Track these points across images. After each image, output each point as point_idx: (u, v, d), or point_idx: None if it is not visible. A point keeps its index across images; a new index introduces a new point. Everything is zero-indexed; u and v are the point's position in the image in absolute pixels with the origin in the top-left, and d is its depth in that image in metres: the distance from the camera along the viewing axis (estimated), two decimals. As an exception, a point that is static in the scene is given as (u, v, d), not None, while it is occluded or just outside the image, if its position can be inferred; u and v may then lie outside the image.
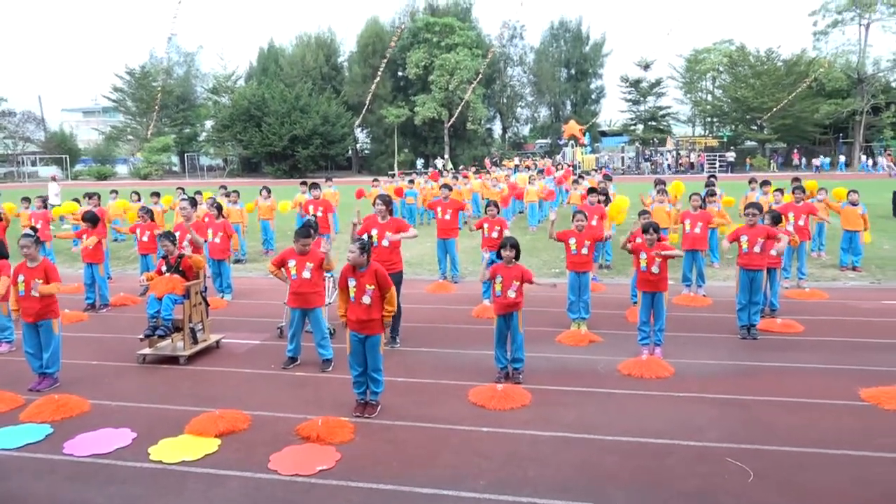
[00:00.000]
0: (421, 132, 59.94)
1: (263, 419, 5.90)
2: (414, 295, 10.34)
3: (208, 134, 65.38)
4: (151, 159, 58.55)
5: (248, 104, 56.02)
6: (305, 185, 15.63)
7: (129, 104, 66.09)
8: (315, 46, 63.25)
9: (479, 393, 6.31)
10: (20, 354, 7.15)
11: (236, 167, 64.35)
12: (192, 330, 7.80)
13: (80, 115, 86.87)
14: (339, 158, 62.97)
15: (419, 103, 56.65)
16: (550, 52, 64.99)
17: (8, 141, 67.26)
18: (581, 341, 8.04)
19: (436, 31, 56.41)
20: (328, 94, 58.89)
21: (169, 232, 8.32)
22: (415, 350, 7.90)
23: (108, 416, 6.03)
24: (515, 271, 6.64)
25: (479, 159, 54.74)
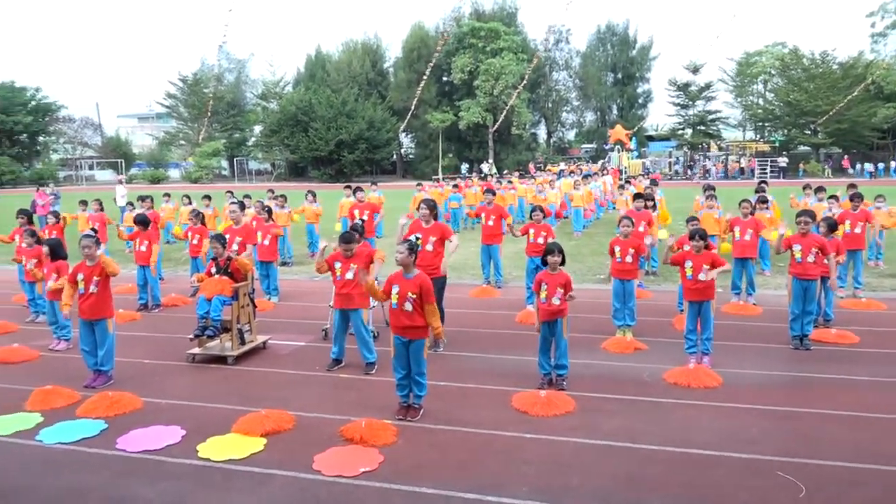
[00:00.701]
0: (465, 137, 60.02)
1: (308, 420, 5.98)
2: (457, 299, 10.35)
3: (257, 139, 66.71)
4: (202, 163, 59.95)
5: (295, 110, 56.94)
6: (350, 189, 15.81)
7: (181, 110, 67.90)
8: (361, 52, 63.96)
9: (522, 399, 6.28)
10: (77, 352, 7.39)
11: (283, 171, 65.45)
12: (239, 331, 7.95)
13: (134, 120, 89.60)
14: (384, 163, 63.48)
15: (464, 108, 56.74)
16: (597, 56, 64.43)
17: (67, 146, 69.92)
18: (626, 349, 7.93)
19: (481, 36, 56.46)
20: (374, 100, 59.46)
21: (219, 234, 8.51)
22: (458, 355, 7.90)
23: (159, 414, 6.19)
24: (560, 278, 6.59)
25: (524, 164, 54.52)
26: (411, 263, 5.95)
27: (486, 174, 36.66)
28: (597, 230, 19.77)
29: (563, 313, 6.58)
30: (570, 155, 59.73)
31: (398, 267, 6.02)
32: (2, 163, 55.76)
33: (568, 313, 6.63)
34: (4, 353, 8.03)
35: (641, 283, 11.54)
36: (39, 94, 64.98)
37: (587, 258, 14.40)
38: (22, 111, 61.56)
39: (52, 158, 68.08)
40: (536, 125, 66.44)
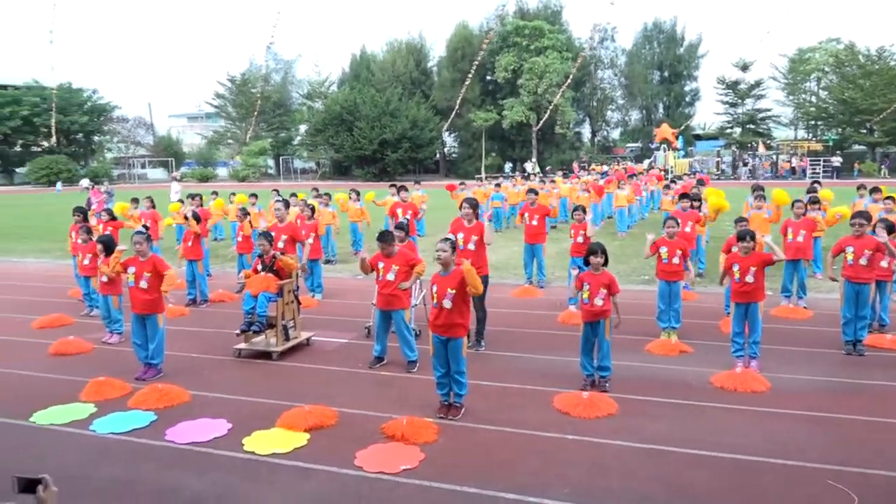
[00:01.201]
0: (509, 136, 59.80)
1: (350, 416, 6.05)
2: (500, 299, 10.33)
3: (302, 138, 67.62)
4: (249, 162, 61.03)
5: (340, 109, 57.53)
6: (395, 187, 15.90)
7: (229, 110, 69.26)
8: (405, 52, 64.26)
9: (564, 400, 6.24)
10: (129, 345, 7.61)
11: (328, 170, 66.21)
12: (284, 327, 8.08)
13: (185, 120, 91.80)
14: (427, 162, 63.66)
15: (507, 107, 56.53)
16: (643, 54, 63.44)
17: (121, 145, 72.06)
18: (671, 351, 7.80)
19: (525, 35, 56.17)
20: (417, 99, 59.69)
21: (266, 232, 8.66)
22: (500, 354, 7.89)
23: (207, 407, 6.34)
24: (603, 278, 6.52)
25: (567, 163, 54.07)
26: (452, 262, 5.97)
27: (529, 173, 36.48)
28: (641, 230, 19.49)
29: (605, 314, 6.51)
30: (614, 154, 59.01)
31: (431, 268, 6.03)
32: (59, 161, 57.66)
33: (611, 314, 6.56)
34: (61, 345, 8.32)
35: (687, 285, 11.34)
36: (95, 95, 67.17)
37: (631, 259, 14.21)
38: (78, 111, 63.65)
39: (106, 157, 70.15)
40: (581, 124, 65.78)
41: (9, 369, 7.62)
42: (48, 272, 14.44)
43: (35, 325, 9.57)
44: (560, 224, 19.57)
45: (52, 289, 12.32)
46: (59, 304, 10.99)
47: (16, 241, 19.71)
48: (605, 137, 67.35)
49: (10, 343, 8.79)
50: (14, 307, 10.92)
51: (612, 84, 65.45)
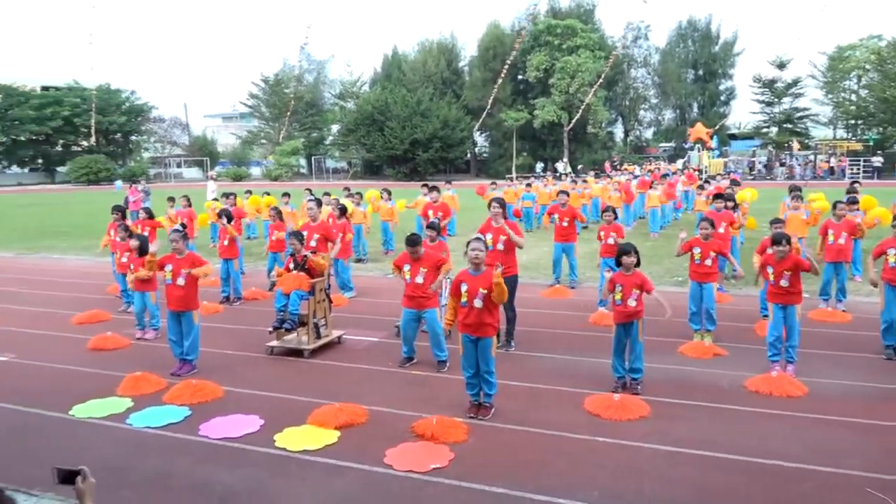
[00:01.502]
0: (540, 135, 59.53)
1: (380, 414, 6.07)
2: (530, 299, 10.29)
3: (334, 138, 68.14)
4: (282, 162, 61.68)
5: (371, 109, 57.84)
6: (427, 187, 15.93)
7: (263, 110, 70.09)
8: (437, 52, 64.36)
9: (594, 401, 6.19)
10: (164, 341, 7.75)
11: (359, 169, 66.62)
12: (315, 325, 8.15)
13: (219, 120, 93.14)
14: (458, 161, 63.67)
15: (539, 106, 56.28)
16: (677, 53, 62.62)
17: (157, 144, 73.41)
18: (705, 354, 7.69)
19: (557, 34, 55.86)
20: (448, 99, 59.73)
21: (297, 232, 8.75)
22: (530, 355, 7.86)
23: (239, 403, 6.42)
24: (636, 279, 6.45)
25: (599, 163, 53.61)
26: (482, 262, 5.97)
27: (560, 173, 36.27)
28: (675, 231, 19.24)
29: (639, 315, 6.45)
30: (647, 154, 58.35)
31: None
32: (98, 161, 58.97)
33: (644, 315, 6.50)
34: (99, 340, 8.50)
35: (722, 287, 11.17)
36: (133, 95, 68.55)
37: (663, 260, 14.04)
38: (117, 112, 65.05)
39: (143, 156, 71.53)
40: (613, 123, 65.17)
41: (49, 363, 7.81)
42: (87, 269, 14.77)
43: (74, 321, 9.80)
44: (591, 225, 19.42)
45: (91, 285, 12.60)
46: (97, 300, 11.23)
47: (57, 239, 20.20)
48: (638, 137, 66.63)
49: (51, 338, 9.01)
50: (55, 303, 11.20)
51: (646, 83, 64.76)
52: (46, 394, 6.75)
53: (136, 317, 9.00)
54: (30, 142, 62.77)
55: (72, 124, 62.53)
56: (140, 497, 4.70)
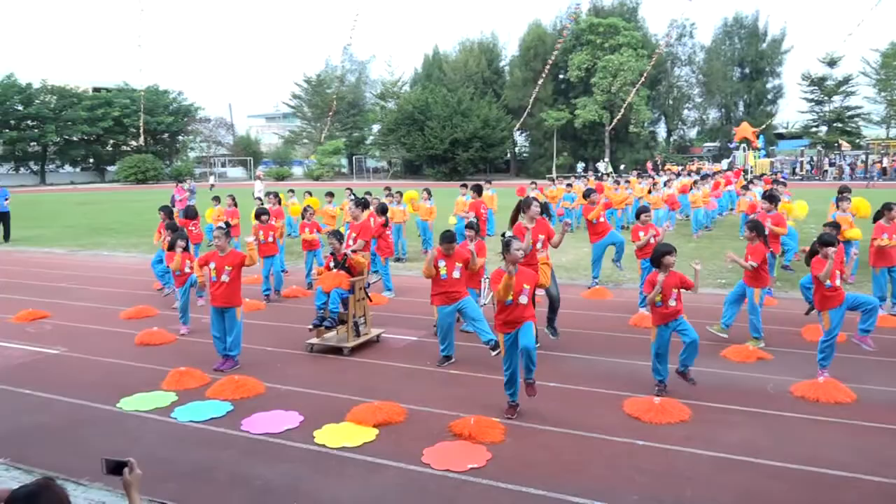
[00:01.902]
0: (581, 135, 59.07)
1: (418, 413, 6.10)
2: (569, 300, 10.19)
3: (375, 137, 68.69)
4: (324, 161, 62.42)
5: (412, 109, 58.13)
6: (466, 187, 15.94)
7: (305, 110, 71.05)
8: (477, 52, 64.37)
9: (634, 404, 6.11)
10: (208, 337, 7.90)
11: (399, 169, 67.02)
12: (355, 323, 8.23)
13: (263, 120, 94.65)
14: (498, 161, 63.59)
15: (580, 106, 55.85)
16: (723, 51, 61.43)
17: (203, 144, 74.96)
18: (748, 357, 7.52)
19: (599, 33, 55.35)
20: (489, 98, 59.68)
21: (337, 231, 8.85)
22: (569, 356, 7.80)
23: (280, 399, 6.52)
24: (674, 279, 6.36)
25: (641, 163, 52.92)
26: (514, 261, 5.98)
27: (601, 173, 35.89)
28: (718, 232, 18.89)
29: (680, 315, 6.34)
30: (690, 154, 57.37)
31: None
32: (146, 160, 60.48)
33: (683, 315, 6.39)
34: (145, 335, 8.72)
35: (770, 290, 10.92)
36: (181, 96, 70.18)
37: (707, 261, 13.78)
38: (164, 112, 66.73)
39: (189, 156, 73.15)
40: (656, 123, 64.30)
41: (98, 357, 8.05)
42: (135, 266, 15.16)
43: (122, 316, 10.07)
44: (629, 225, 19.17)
45: (139, 282, 12.94)
46: (144, 296, 11.52)
47: (107, 236, 20.79)
48: (682, 136, 65.59)
49: (100, 332, 9.28)
50: (104, 298, 11.52)
51: (690, 81, 63.74)
52: (95, 387, 6.95)
53: (181, 312, 9.20)
54: (82, 142, 64.90)
55: (121, 124, 64.39)
56: (183, 489, 4.81)
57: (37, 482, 2.53)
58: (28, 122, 61.51)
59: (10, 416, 6.23)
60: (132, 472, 2.89)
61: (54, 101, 62.47)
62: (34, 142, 62.30)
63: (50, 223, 25.18)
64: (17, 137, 59.72)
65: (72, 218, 27.55)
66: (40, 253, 17.82)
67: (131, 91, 64.62)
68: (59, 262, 16.18)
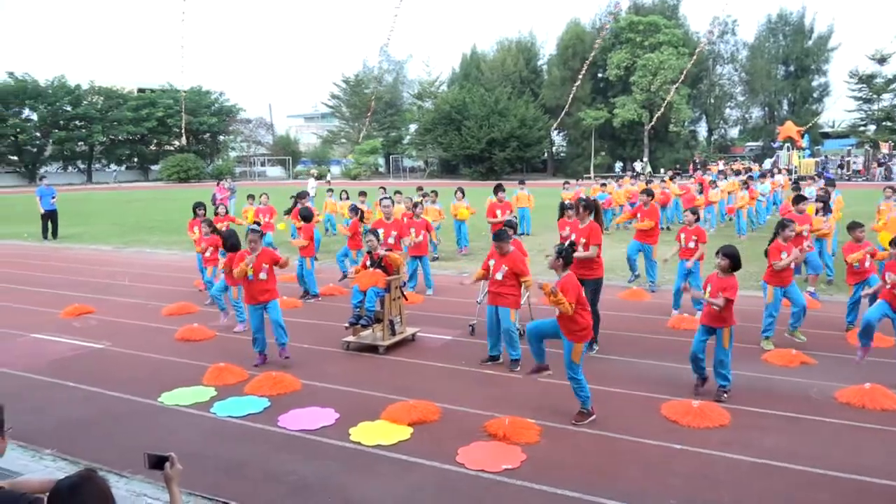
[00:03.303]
0: (619, 134, 58.41)
1: (453, 413, 6.10)
2: (607, 301, 10.05)
3: (412, 137, 68.90)
4: (361, 161, 62.87)
5: (449, 108, 58.14)
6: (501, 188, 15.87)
7: (343, 110, 71.65)
8: (515, 51, 64.10)
9: (672, 408, 6.02)
10: (246, 334, 8.01)
11: (436, 168, 67.11)
12: (391, 322, 8.27)
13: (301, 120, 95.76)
14: (535, 161, 63.22)
15: (619, 105, 55.22)
16: (766, 48, 60.05)
17: (243, 144, 76.21)
18: (791, 362, 7.35)
19: (639, 31, 54.62)
20: (526, 98, 59.38)
21: (374, 229, 8.90)
22: (606, 358, 7.72)
23: (316, 396, 6.59)
24: (724, 282, 6.26)
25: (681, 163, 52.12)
26: (560, 267, 5.91)
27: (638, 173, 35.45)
28: (763, 234, 18.48)
29: (726, 322, 6.22)
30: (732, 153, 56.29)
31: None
32: (188, 160, 61.70)
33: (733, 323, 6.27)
34: (186, 331, 8.90)
35: (814, 293, 10.69)
36: (222, 97, 71.46)
37: (750, 263, 13.43)
38: (206, 113, 68.01)
39: (230, 156, 74.39)
40: (696, 122, 63.23)
41: (140, 352, 8.24)
42: (177, 263, 15.48)
43: (164, 312, 10.29)
44: (673, 226, 18.92)
45: (180, 279, 13.20)
46: (185, 293, 11.75)
47: (149, 234, 21.27)
48: (723, 136, 64.38)
49: (142, 328, 9.50)
50: (146, 294, 11.79)
51: (732, 80, 62.47)
52: (137, 381, 7.11)
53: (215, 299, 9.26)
54: (127, 141, 66.54)
55: (165, 125, 65.82)
56: (221, 484, 4.89)
57: (79, 474, 2.59)
58: (76, 123, 63.35)
59: (57, 408, 6.42)
60: (173, 467, 2.95)
61: (101, 101, 64.24)
62: (82, 141, 64.13)
63: (96, 221, 25.87)
64: (65, 137, 61.54)
65: (118, 216, 28.26)
66: (87, 249, 18.32)
67: (175, 92, 65.97)
68: (105, 258, 16.60)
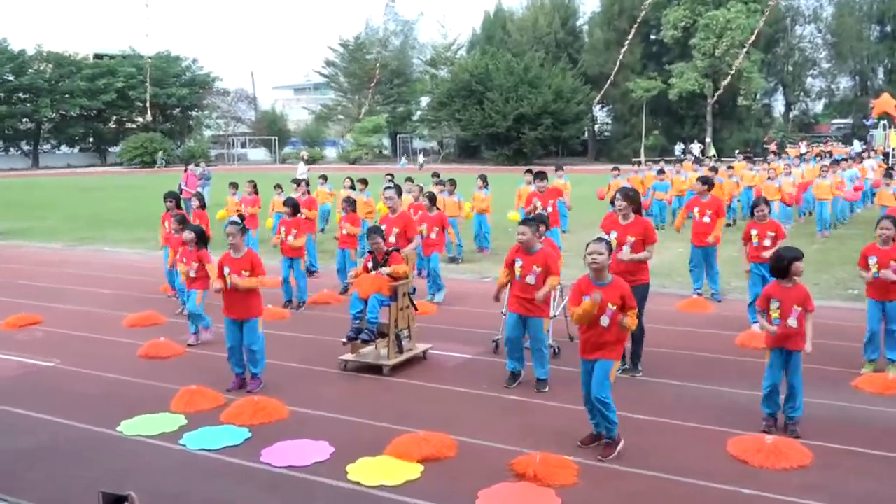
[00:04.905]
0: (676, 110, 58.19)
1: (472, 447, 6.10)
2: (660, 313, 10.04)
3: (423, 113, 69.05)
4: (361, 141, 63.09)
5: (469, 77, 58.24)
6: (531, 173, 15.87)
7: (341, 80, 72.00)
8: (549, 8, 64.11)
9: (740, 444, 5.98)
10: (223, 350, 8.03)
11: (452, 151, 67.20)
12: (397, 337, 8.27)
13: (290, 92, 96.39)
14: (573, 142, 63.16)
15: (676, 73, 54.98)
16: (857, 4, 59.63)
17: (220, 121, 76.62)
18: (888, 389, 7.28)
19: (701, -17, 54.45)
20: (562, 65, 59.35)
21: (377, 227, 8.91)
22: (658, 382, 7.69)
23: (307, 426, 6.61)
24: (798, 293, 6.19)
25: (753, 144, 51.80)
26: (605, 268, 5.89)
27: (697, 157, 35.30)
28: (849, 231, 18.35)
29: (801, 342, 6.17)
30: (815, 132, 55.91)
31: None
32: (154, 140, 62.14)
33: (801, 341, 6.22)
34: (151, 347, 8.95)
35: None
36: (195, 65, 72.00)
37: (835, 267, 13.39)
38: (176, 83, 68.51)
39: (204, 135, 74.92)
40: (771, 94, 62.92)
41: (97, 371, 8.30)
42: (141, 264, 15.62)
43: (125, 323, 10.38)
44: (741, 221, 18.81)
45: (145, 283, 13.31)
46: (151, 300, 11.84)
47: (108, 228, 21.49)
48: (804, 111, 64.03)
49: (100, 342, 9.58)
50: (104, 302, 11.90)
51: (815, 43, 62.15)
52: (93, 406, 7.17)
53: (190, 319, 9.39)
54: (81, 118, 67.12)
55: (126, 98, 66.33)
56: (193, 530, 4.91)
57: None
58: (19, 96, 64.02)
59: (-4, 437, 6.49)
60: (133, 509, 2.97)
61: (50, 70, 64.84)
62: (26, 118, 64.72)
63: (44, 213, 26.15)
64: (6, 113, 61.94)
65: (70, 207, 28.56)
66: (33, 248, 18.54)
67: (138, 58, 66.57)
68: (54, 258, 16.79)
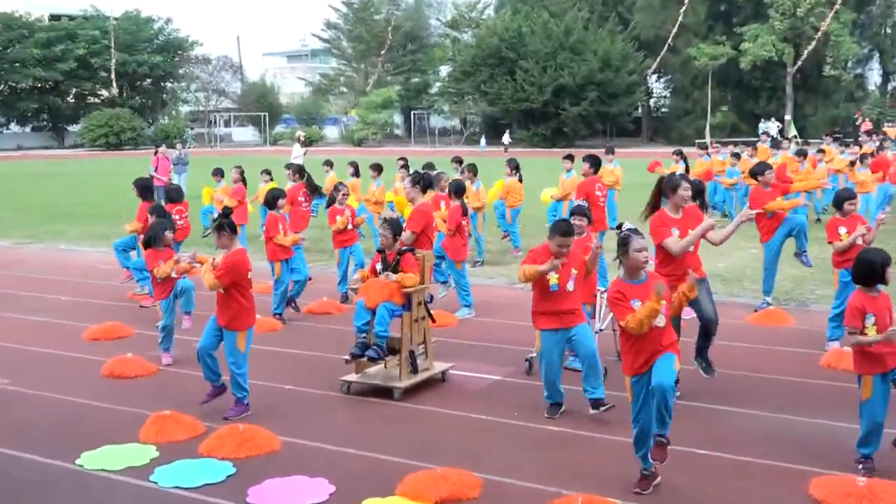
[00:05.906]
0: (749, 81, 57.87)
1: (500, 486, 6.08)
2: (729, 326, 9.97)
3: (443, 85, 68.88)
4: (368, 118, 62.83)
5: (498, 42, 58.16)
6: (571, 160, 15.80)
7: (344, 45, 72.11)
8: (597, -41, 63.94)
9: (826, 486, 5.93)
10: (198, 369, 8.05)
11: (478, 131, 67.00)
12: (411, 354, 8.26)
13: (283, 60, 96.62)
14: (623, 120, 62.93)
15: (748, 37, 54.67)
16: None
17: (200, 94, 76.65)
18: None
19: (781, -72, 54.13)
20: (611, 27, 59.17)
21: (393, 219, 8.89)
22: (725, 410, 7.65)
23: (302, 460, 6.62)
24: (886, 302, 6.15)
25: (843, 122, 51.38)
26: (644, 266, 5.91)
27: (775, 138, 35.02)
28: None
29: None
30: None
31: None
32: (122, 117, 62.39)
33: None
34: (116, 364, 8.99)
35: None
36: (169, 26, 72.25)
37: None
38: (147, 49, 68.63)
39: (180, 111, 75.17)
40: (865, 63, 62.39)
41: (53, 393, 8.36)
42: (105, 265, 15.64)
43: (86, 336, 10.44)
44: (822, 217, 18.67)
45: (110, 287, 13.37)
46: (116, 308, 11.92)
47: (67, 223, 21.63)
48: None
49: (56, 358, 9.65)
50: (62, 310, 11.98)
51: (920, 0, 61.50)
52: (48, 435, 7.21)
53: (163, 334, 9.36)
54: (34, 90, 67.56)
55: (88, 66, 66.70)
56: (166, 583, 4.94)
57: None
58: (-40, 65, 64.53)
59: (-67, 471, 6.56)
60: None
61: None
62: (-32, 91, 65.36)
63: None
64: (-56, 85, 62.78)
65: (21, 197, 28.81)
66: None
67: (102, 20, 67.02)
68: (1, 258, 16.91)
